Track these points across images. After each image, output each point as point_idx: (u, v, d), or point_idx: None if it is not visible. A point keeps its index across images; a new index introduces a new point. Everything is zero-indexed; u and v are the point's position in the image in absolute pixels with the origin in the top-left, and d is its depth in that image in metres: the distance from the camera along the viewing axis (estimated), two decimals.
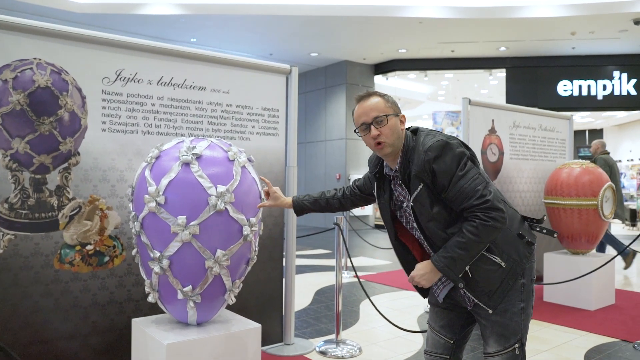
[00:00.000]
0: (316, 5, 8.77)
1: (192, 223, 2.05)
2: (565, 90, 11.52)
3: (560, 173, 4.75)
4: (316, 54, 11.60)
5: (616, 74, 11.35)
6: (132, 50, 2.78)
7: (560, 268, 4.74)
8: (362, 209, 11.87)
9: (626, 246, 4.89)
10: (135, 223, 2.16)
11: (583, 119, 17.66)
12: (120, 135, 2.74)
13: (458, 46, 10.75)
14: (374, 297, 5.10)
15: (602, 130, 19.89)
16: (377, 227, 11.89)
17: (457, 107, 14.12)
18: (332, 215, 3.86)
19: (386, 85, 12.74)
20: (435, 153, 1.68)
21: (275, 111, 3.37)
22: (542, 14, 8.84)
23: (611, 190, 4.68)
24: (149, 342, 2.20)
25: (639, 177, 14.31)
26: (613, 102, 11.53)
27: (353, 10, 8.81)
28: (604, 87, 11.40)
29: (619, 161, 17.63)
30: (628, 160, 17.28)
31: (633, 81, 11.27)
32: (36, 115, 2.45)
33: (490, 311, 1.76)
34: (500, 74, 12.21)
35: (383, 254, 7.89)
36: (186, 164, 2.10)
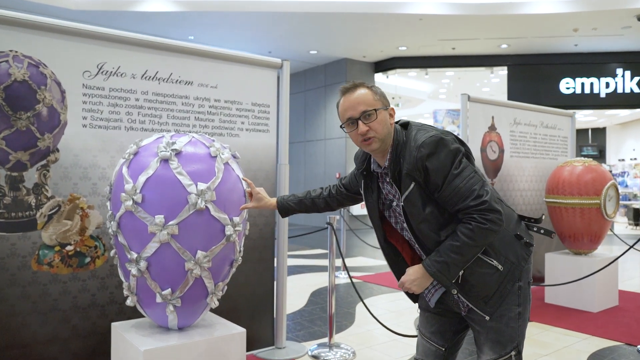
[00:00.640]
0: (315, 2, 8.66)
1: (170, 223, 1.94)
2: (568, 88, 11.36)
3: (562, 171, 4.63)
4: (315, 52, 11.48)
5: (619, 71, 11.19)
6: (114, 43, 2.67)
7: (562, 269, 4.62)
8: (361, 207, 11.75)
9: None
10: (112, 223, 2.05)
11: (586, 118, 17.49)
12: (102, 132, 2.64)
13: (459, 43, 10.62)
14: (372, 298, 4.99)
15: (605, 128, 19.73)
16: None
17: (458, 105, 13.94)
18: (332, 214, 3.75)
19: (387, 83, 12.61)
20: (429, 150, 1.56)
21: (266, 107, 3.26)
22: (544, 10, 8.70)
23: (614, 189, 4.55)
24: (128, 347, 2.10)
25: None
26: (616, 100, 11.36)
27: (353, 7, 8.69)
28: (607, 85, 11.24)
29: (622, 160, 17.50)
30: (631, 159, 17.11)
31: (636, 79, 11.09)
32: (12, 110, 2.35)
33: (487, 318, 1.64)
34: (502, 72, 12.07)
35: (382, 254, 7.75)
36: (165, 161, 1.99)
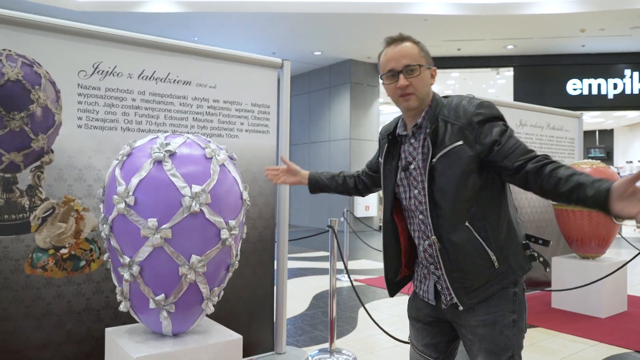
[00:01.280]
0: (320, 3, 8.61)
1: (164, 226, 1.88)
2: (575, 90, 11.24)
3: None
4: (320, 53, 11.43)
5: (627, 72, 11.06)
6: (110, 42, 2.62)
7: (569, 273, 4.53)
8: (366, 210, 11.68)
9: None
10: (105, 226, 1.99)
11: (593, 119, 17.34)
12: (97, 132, 2.58)
13: (464, 44, 10.53)
14: (375, 302, 4.91)
15: (612, 130, 19.55)
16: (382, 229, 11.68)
17: None
18: (334, 218, 3.69)
19: None
20: (489, 111, 1.53)
21: (266, 107, 3.20)
22: (550, 10, 8.61)
23: None
24: (121, 354, 2.04)
25: None
26: (624, 102, 11.23)
27: (357, 8, 8.64)
28: (615, 86, 11.12)
29: (630, 162, 17.31)
30: (639, 161, 16.93)
31: None
32: (6, 110, 2.30)
33: (460, 308, 1.54)
34: (508, 73, 11.97)
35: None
36: (158, 162, 1.93)
